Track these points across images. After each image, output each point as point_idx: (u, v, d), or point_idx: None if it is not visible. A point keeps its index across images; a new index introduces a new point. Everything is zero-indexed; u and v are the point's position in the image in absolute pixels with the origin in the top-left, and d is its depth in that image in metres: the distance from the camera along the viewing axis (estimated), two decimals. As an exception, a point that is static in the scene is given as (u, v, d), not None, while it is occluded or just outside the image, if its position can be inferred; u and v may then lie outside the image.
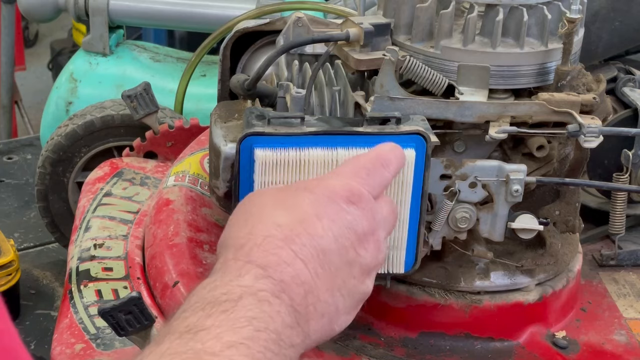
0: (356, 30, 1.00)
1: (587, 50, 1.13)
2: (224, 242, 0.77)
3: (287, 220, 0.76)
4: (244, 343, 0.67)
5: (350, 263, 0.77)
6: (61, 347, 1.02)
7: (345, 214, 0.77)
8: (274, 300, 0.71)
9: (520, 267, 1.06)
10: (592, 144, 0.96)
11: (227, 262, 0.74)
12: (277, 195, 0.79)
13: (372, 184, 0.79)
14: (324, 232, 0.75)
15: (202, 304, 0.70)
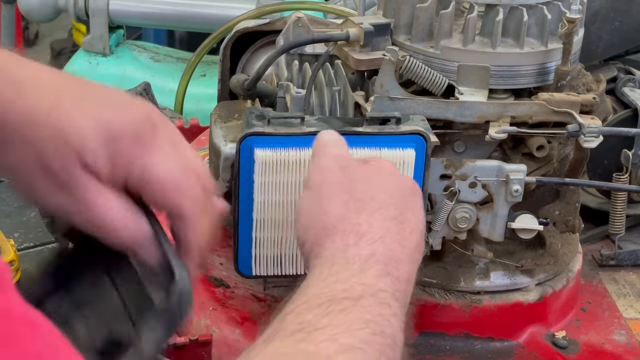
0: (356, 30, 1.00)
1: (587, 50, 1.13)
2: (330, 220, 0.72)
3: (396, 213, 0.74)
4: (360, 347, 0.62)
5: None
6: (61, 347, 1.01)
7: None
8: (393, 303, 0.67)
9: (520, 267, 1.06)
10: (592, 144, 0.96)
11: (348, 249, 0.70)
12: (375, 176, 0.77)
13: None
14: (417, 227, 0.75)
15: (319, 299, 0.65)
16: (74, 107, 0.64)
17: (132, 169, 0.65)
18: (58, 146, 0.63)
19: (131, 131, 0.65)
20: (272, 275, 0.96)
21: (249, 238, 0.94)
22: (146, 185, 0.66)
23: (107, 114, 0.65)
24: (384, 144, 0.91)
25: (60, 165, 0.64)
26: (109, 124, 0.65)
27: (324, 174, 0.77)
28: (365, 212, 0.73)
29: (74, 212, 0.65)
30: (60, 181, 0.64)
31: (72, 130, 0.63)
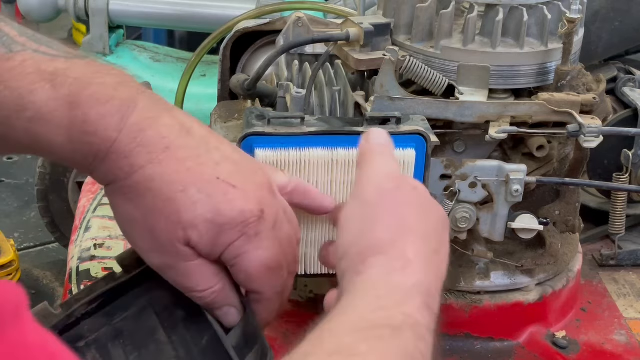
0: (356, 30, 1.00)
1: (587, 50, 1.13)
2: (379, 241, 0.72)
3: (437, 246, 0.74)
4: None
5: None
6: (61, 347, 1.01)
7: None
8: (429, 336, 0.68)
9: (520, 267, 1.06)
10: (592, 144, 0.96)
11: (393, 274, 0.70)
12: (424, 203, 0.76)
13: None
14: (447, 260, 0.75)
15: (360, 323, 0.66)
16: (196, 195, 0.72)
17: (229, 252, 0.73)
18: (170, 223, 0.71)
19: (238, 223, 0.72)
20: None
21: (249, 238, 0.94)
22: (235, 269, 0.74)
23: (222, 205, 0.72)
24: (384, 144, 0.91)
25: (167, 238, 0.72)
26: (221, 216, 0.72)
27: (382, 193, 0.75)
28: (412, 240, 0.73)
29: (167, 271, 0.74)
30: (161, 246, 0.72)
31: (188, 216, 0.71)
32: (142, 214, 0.72)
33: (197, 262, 0.73)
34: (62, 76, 0.70)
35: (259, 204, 0.74)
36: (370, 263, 0.71)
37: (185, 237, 0.72)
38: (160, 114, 0.73)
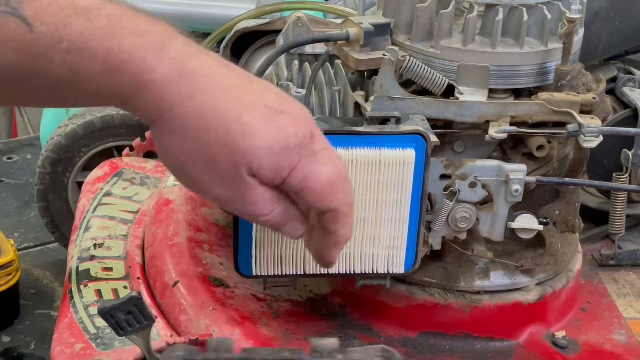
0: (356, 30, 1.00)
1: (587, 50, 1.13)
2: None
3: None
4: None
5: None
6: (61, 347, 1.02)
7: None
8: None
9: (520, 267, 1.06)
10: (592, 144, 0.96)
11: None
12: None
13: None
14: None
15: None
16: (251, 123, 0.73)
17: (293, 176, 0.74)
18: (232, 153, 0.73)
19: (295, 144, 0.74)
20: (273, 275, 0.96)
21: (249, 238, 0.94)
22: (304, 191, 0.75)
23: (277, 131, 0.74)
24: (384, 144, 0.91)
25: (231, 169, 0.73)
26: (278, 142, 0.73)
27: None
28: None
29: (231, 202, 0.76)
30: (227, 178, 0.74)
31: (247, 144, 0.72)
32: (199, 147, 0.73)
33: (261, 190, 0.75)
34: (97, 10, 0.72)
35: (307, 127, 0.76)
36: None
37: (248, 166, 0.73)
38: (198, 50, 0.74)
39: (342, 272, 0.97)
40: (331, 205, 0.76)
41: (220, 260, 1.15)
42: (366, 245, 0.96)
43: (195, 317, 1.04)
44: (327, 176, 0.75)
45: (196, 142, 0.73)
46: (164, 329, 1.04)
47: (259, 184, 0.75)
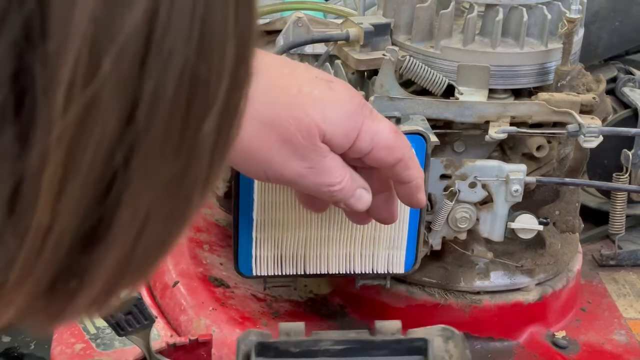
0: (356, 30, 1.00)
1: (587, 50, 1.13)
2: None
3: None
4: None
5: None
6: (61, 347, 1.02)
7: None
8: None
9: (520, 267, 1.06)
10: (591, 144, 0.96)
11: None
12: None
13: None
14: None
15: None
16: (312, 93, 0.76)
17: (362, 138, 0.77)
18: (303, 124, 0.75)
19: (355, 107, 0.77)
20: (273, 275, 0.96)
21: (249, 238, 0.94)
22: (374, 150, 0.78)
23: (335, 97, 0.77)
24: (384, 144, 0.91)
25: (305, 138, 0.75)
26: (340, 106, 0.77)
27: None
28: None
29: (306, 176, 0.77)
30: (301, 150, 0.75)
31: (315, 113, 0.75)
32: (268, 125, 0.75)
33: (332, 156, 0.77)
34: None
35: (354, 90, 0.81)
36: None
37: (321, 132, 0.75)
38: None
39: (342, 272, 0.97)
40: (399, 155, 0.80)
41: (220, 260, 1.15)
42: (366, 245, 0.96)
43: (195, 317, 1.04)
44: (390, 129, 0.79)
45: (265, 121, 0.75)
46: (164, 329, 1.04)
47: (329, 150, 0.77)
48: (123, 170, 0.33)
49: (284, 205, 0.92)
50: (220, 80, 0.35)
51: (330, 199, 0.81)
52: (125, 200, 0.34)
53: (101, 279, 0.36)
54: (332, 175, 0.78)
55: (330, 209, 0.91)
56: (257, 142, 0.76)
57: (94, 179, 0.32)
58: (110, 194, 0.33)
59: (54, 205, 0.32)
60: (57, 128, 0.31)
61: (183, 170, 0.35)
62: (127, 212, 0.34)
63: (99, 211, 0.34)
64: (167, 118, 0.33)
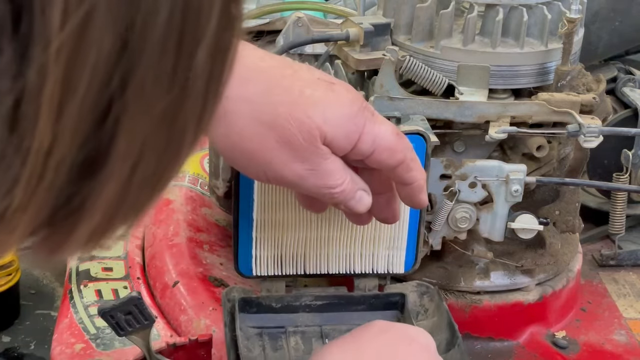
0: (356, 30, 1.00)
1: (587, 50, 1.13)
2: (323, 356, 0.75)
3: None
4: None
5: None
6: (61, 347, 1.02)
7: None
8: None
9: (520, 267, 1.06)
10: (591, 144, 0.96)
11: None
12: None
13: None
14: None
15: None
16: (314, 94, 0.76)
17: (364, 140, 0.77)
18: (304, 125, 0.74)
19: (357, 109, 0.77)
20: (272, 275, 0.96)
21: (249, 238, 0.94)
22: (376, 152, 0.78)
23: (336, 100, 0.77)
24: (384, 144, 0.91)
25: (306, 140, 0.75)
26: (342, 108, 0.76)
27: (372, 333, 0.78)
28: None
29: (307, 178, 0.77)
30: (302, 152, 0.75)
31: (317, 114, 0.75)
32: (269, 126, 0.74)
33: (332, 159, 0.77)
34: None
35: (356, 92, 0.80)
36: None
37: (322, 134, 0.75)
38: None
39: (342, 272, 0.97)
40: (401, 157, 0.79)
41: (220, 260, 1.15)
42: (366, 245, 0.96)
43: (195, 317, 1.04)
44: (391, 131, 0.79)
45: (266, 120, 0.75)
46: (164, 329, 1.04)
47: (330, 152, 0.77)
48: (119, 95, 0.34)
49: (284, 205, 0.92)
50: (211, 11, 0.36)
51: (331, 201, 0.81)
52: (122, 127, 0.35)
53: (100, 209, 0.37)
54: (332, 178, 0.77)
55: (330, 209, 0.91)
56: (257, 143, 0.76)
57: (92, 101, 0.33)
58: (108, 119, 0.34)
59: (54, 126, 0.33)
60: (54, 43, 0.32)
61: (177, 102, 0.36)
62: (124, 140, 0.35)
63: (97, 137, 0.35)
64: (160, 43, 0.34)
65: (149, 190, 0.39)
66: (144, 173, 0.38)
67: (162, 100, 0.36)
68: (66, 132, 0.34)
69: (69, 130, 0.34)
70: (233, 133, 0.75)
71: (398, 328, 0.79)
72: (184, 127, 0.38)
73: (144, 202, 0.40)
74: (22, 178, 0.34)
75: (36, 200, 0.35)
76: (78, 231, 0.38)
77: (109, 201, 0.37)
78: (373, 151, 0.78)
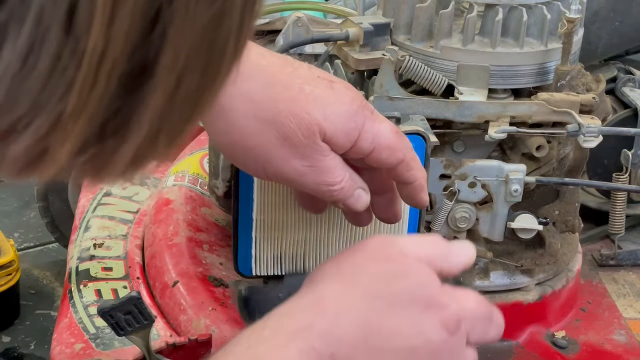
0: (356, 30, 1.00)
1: (587, 50, 1.13)
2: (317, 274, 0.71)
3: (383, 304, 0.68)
4: None
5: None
6: (61, 347, 1.02)
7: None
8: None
9: (520, 267, 1.06)
10: (591, 143, 0.96)
11: (294, 309, 0.68)
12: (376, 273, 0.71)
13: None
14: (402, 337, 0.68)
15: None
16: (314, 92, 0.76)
17: (363, 138, 0.77)
18: (303, 122, 0.75)
19: (357, 107, 0.77)
20: (272, 275, 0.96)
21: (248, 238, 0.94)
22: (376, 150, 0.78)
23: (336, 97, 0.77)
24: (383, 144, 0.91)
25: (305, 137, 0.75)
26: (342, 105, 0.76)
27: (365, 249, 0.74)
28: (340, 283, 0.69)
29: (306, 175, 0.77)
30: (301, 148, 0.75)
31: (316, 111, 0.75)
32: (269, 122, 0.75)
33: (332, 156, 0.77)
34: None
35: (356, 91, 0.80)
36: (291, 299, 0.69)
37: (322, 131, 0.75)
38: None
39: (342, 272, 0.97)
40: (401, 155, 0.79)
41: (219, 260, 1.14)
42: (366, 245, 0.96)
43: (194, 317, 1.04)
44: (391, 129, 0.79)
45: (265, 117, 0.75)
46: (164, 328, 1.04)
47: (330, 149, 0.77)
48: (167, 5, 0.37)
49: (284, 205, 0.92)
50: None
51: (330, 199, 0.81)
52: (168, 38, 0.38)
53: (145, 123, 0.40)
54: (331, 175, 0.77)
55: (330, 209, 0.91)
56: (257, 139, 0.76)
57: (142, 8, 0.36)
58: (155, 29, 0.37)
59: (107, 30, 0.36)
60: None
61: (219, 16, 0.39)
62: (169, 52, 0.38)
63: (145, 47, 0.38)
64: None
65: (191, 108, 0.42)
66: (188, 88, 0.40)
67: (206, 13, 0.38)
68: (118, 37, 0.36)
69: (121, 35, 0.36)
70: (233, 130, 0.76)
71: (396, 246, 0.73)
72: (224, 43, 0.41)
73: (185, 120, 0.42)
74: (77, 82, 0.36)
75: (88, 107, 0.37)
76: (124, 148, 0.40)
77: (154, 115, 0.40)
78: (373, 149, 0.78)
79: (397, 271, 0.70)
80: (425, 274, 0.70)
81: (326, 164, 0.77)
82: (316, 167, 0.76)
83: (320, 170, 0.77)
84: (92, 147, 0.40)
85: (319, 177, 0.77)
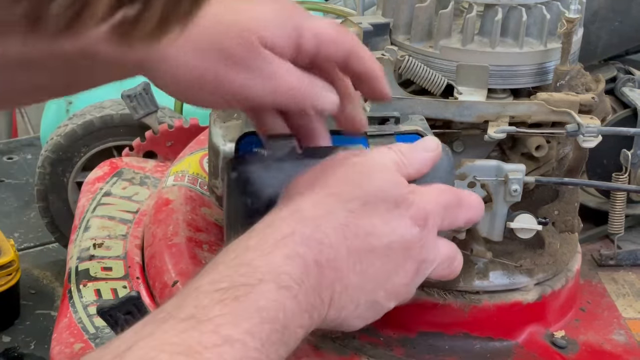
0: (355, 30, 1.00)
1: (587, 50, 1.13)
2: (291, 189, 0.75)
3: (356, 205, 0.74)
4: (240, 339, 0.63)
5: (388, 276, 0.76)
6: (60, 347, 1.02)
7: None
8: (295, 285, 0.67)
9: (519, 267, 1.06)
10: (591, 143, 0.96)
11: (275, 220, 0.72)
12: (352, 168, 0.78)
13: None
14: (382, 230, 0.75)
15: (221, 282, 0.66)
16: (256, 9, 0.78)
17: (305, 37, 0.78)
18: (239, 37, 0.75)
19: (291, 10, 0.79)
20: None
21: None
22: (322, 45, 0.79)
23: (275, 3, 0.78)
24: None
25: (244, 50, 0.76)
26: (280, 11, 0.78)
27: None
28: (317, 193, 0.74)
29: (257, 86, 0.77)
30: (244, 63, 0.76)
31: (252, 20, 0.76)
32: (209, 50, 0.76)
33: (278, 61, 0.77)
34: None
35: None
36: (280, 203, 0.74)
37: (262, 40, 0.76)
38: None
39: (341, 272, 0.97)
40: (348, 46, 0.80)
41: (219, 260, 1.14)
42: (365, 245, 0.96)
43: (194, 317, 1.04)
44: (330, 24, 0.80)
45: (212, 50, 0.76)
46: (163, 328, 1.04)
47: (275, 56, 0.77)
48: None
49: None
50: None
51: (295, 107, 0.80)
52: None
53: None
54: (282, 78, 0.77)
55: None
56: (203, 69, 0.76)
57: None
58: None
59: None
60: None
61: None
62: None
63: None
64: None
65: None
66: None
67: None
68: None
69: None
70: (179, 72, 0.76)
71: (362, 155, 0.80)
72: None
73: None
74: None
75: None
76: (152, 4, 0.43)
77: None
78: (318, 47, 0.79)
79: (363, 173, 0.76)
80: (390, 173, 0.77)
81: (273, 69, 0.77)
82: (264, 75, 0.77)
83: (268, 76, 0.77)
84: (125, 4, 0.42)
85: (270, 83, 0.77)
